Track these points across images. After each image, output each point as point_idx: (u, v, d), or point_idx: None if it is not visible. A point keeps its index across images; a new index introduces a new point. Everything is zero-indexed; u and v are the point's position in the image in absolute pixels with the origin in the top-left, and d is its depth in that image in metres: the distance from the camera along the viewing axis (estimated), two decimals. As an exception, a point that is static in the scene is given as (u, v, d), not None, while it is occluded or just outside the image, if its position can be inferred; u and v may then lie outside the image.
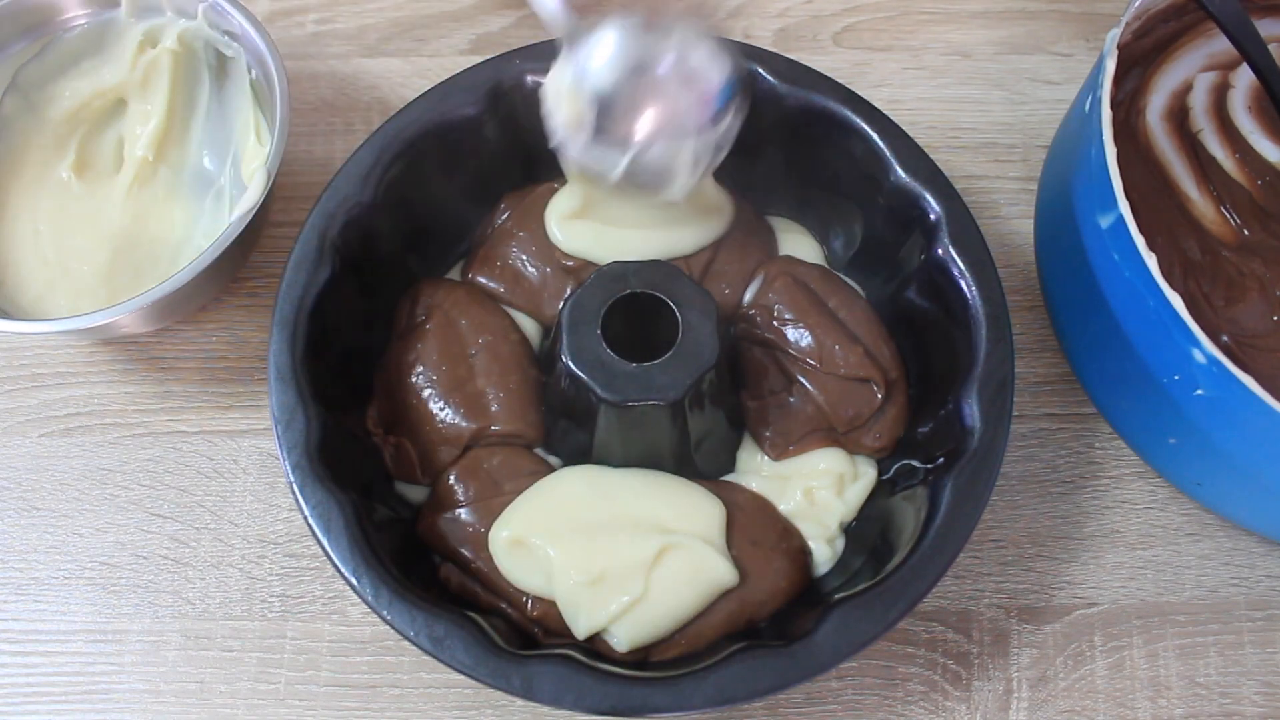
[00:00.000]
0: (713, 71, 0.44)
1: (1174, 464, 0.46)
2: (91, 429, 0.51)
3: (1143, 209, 0.45)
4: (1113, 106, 0.42)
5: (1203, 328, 0.38)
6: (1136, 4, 0.45)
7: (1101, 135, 0.41)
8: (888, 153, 0.47)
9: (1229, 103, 0.48)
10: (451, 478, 0.45)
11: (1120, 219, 0.40)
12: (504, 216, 0.50)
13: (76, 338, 0.52)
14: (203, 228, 0.53)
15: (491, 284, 0.49)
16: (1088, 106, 0.44)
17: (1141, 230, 0.40)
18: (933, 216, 0.46)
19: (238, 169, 0.52)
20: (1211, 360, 0.38)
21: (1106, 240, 0.42)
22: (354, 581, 0.40)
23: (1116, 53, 0.43)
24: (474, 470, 0.46)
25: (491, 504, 0.45)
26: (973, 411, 0.43)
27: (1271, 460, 0.40)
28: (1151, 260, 0.39)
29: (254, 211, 0.47)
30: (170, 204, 0.53)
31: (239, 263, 0.52)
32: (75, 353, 0.53)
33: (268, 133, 0.52)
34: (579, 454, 0.46)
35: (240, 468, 0.51)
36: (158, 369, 0.52)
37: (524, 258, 0.49)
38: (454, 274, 0.52)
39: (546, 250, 0.49)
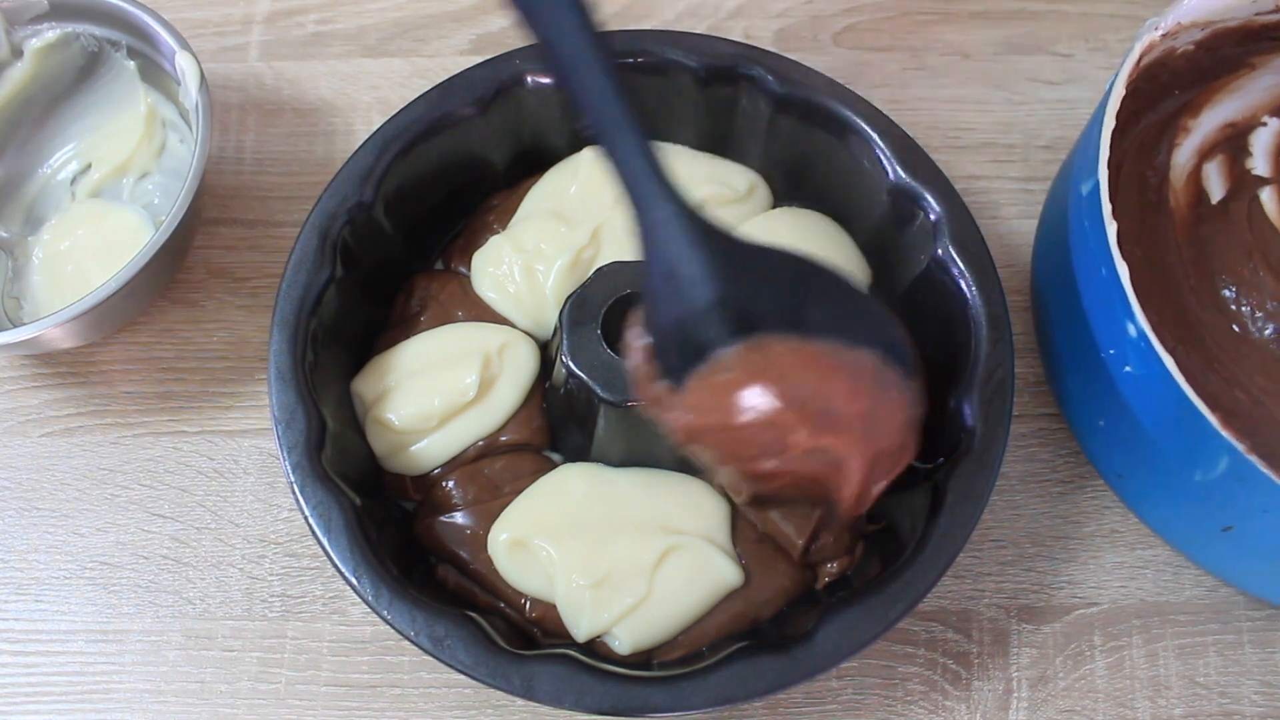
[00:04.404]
0: None
1: (1102, 450, 0.46)
2: (92, 429, 0.51)
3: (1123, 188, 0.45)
4: (1163, 117, 0.42)
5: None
6: (1191, 1, 0.45)
7: (1106, 108, 0.42)
8: (888, 153, 0.47)
9: None
10: (450, 482, 0.45)
11: (1096, 185, 0.41)
12: (490, 214, 0.50)
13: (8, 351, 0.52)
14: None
15: (466, 271, 0.49)
16: (1109, 86, 0.44)
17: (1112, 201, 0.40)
18: (933, 216, 0.46)
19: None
20: (1140, 334, 0.39)
21: (1083, 207, 0.42)
22: (354, 581, 0.40)
23: (1154, 39, 0.43)
24: (473, 474, 0.46)
25: (491, 506, 0.45)
26: (972, 411, 0.43)
27: (1181, 449, 0.40)
28: (1112, 228, 0.40)
29: (178, 221, 0.47)
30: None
31: (172, 269, 0.52)
32: (76, 353, 0.53)
33: (167, 121, 0.53)
34: (578, 453, 0.46)
35: (240, 468, 0.51)
36: (158, 369, 0.52)
37: None
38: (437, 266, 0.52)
39: None
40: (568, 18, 0.35)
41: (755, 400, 0.35)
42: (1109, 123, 0.42)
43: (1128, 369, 0.41)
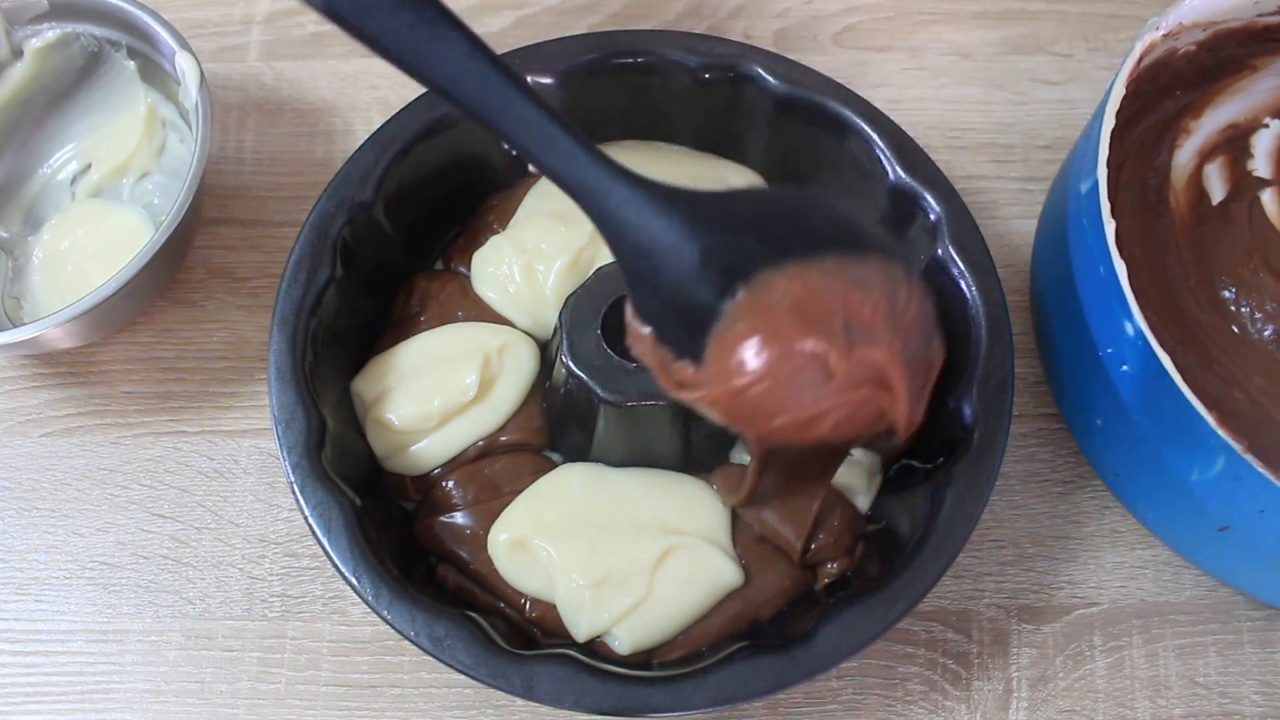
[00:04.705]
0: None
1: (1100, 449, 0.46)
2: (92, 429, 0.51)
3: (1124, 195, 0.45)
4: (1164, 118, 0.42)
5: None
6: (1192, 2, 0.45)
7: (1106, 108, 0.42)
8: (888, 153, 0.47)
9: None
10: (450, 482, 0.45)
11: (1095, 184, 0.41)
12: (490, 214, 0.50)
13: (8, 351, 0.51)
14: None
15: (466, 271, 0.49)
16: (1109, 85, 0.44)
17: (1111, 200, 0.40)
18: (933, 216, 0.46)
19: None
20: (1138, 333, 0.39)
21: (1082, 205, 0.42)
22: (354, 581, 0.40)
23: (1155, 39, 0.43)
24: (474, 474, 0.45)
25: (491, 506, 0.45)
26: (972, 411, 0.43)
27: (1177, 448, 0.40)
28: (1110, 227, 0.40)
29: (178, 221, 0.47)
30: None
31: (172, 269, 0.52)
32: (76, 353, 0.53)
33: (167, 121, 0.53)
34: (578, 453, 0.46)
35: (240, 468, 0.51)
36: (158, 369, 0.52)
37: None
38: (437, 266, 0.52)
39: None
40: (454, 50, 0.34)
41: (779, 340, 0.33)
42: (1108, 122, 0.42)
43: (1125, 368, 0.41)
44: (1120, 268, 0.39)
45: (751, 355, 0.33)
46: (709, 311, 0.34)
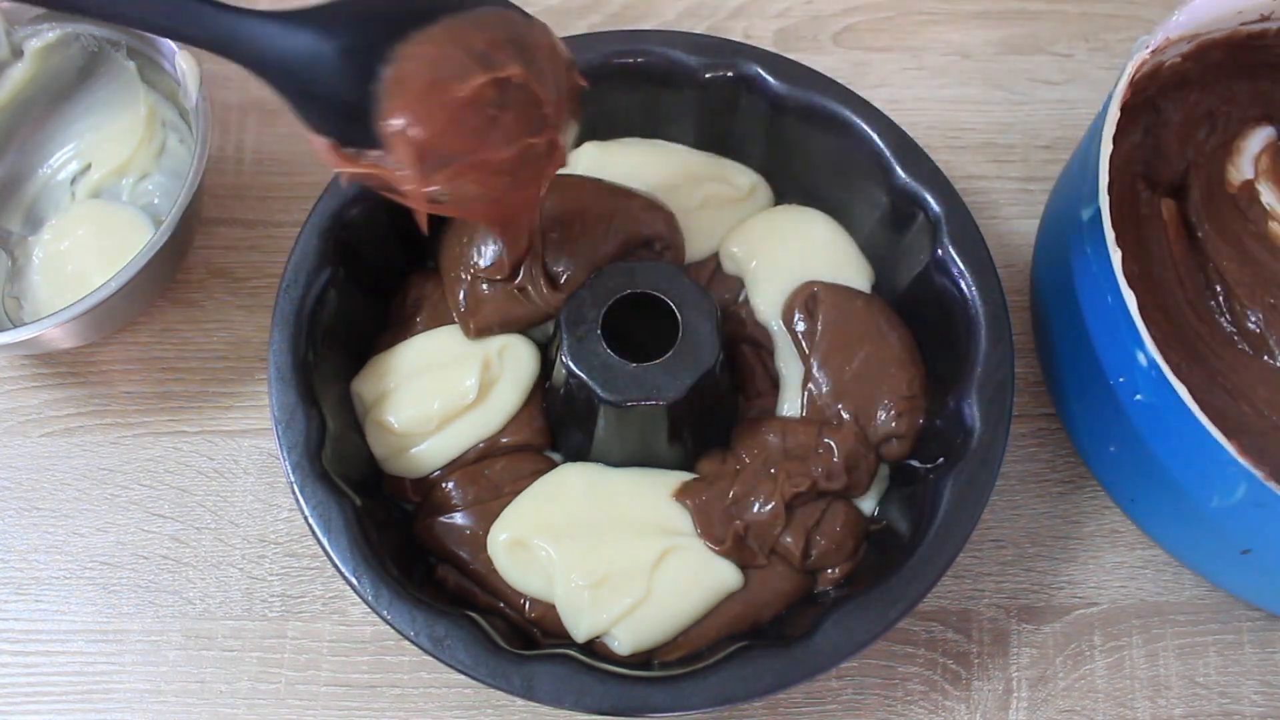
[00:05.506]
0: None
1: (1113, 474, 0.46)
2: (92, 429, 0.51)
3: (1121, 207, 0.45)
4: (1154, 129, 0.43)
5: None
6: (1181, 16, 0.44)
7: (1102, 132, 0.42)
8: (888, 153, 0.47)
9: None
10: (450, 483, 0.45)
11: (1098, 211, 0.40)
12: None
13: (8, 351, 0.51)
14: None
15: None
16: (1104, 108, 0.44)
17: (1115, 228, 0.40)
18: (933, 216, 0.46)
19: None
20: (1151, 363, 0.38)
21: (1084, 232, 0.42)
22: (354, 581, 0.40)
23: (1145, 56, 0.43)
24: (474, 475, 0.45)
25: (490, 506, 0.45)
26: (973, 411, 0.43)
27: (1196, 476, 0.40)
28: (1116, 255, 0.39)
29: (178, 221, 0.47)
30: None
31: (172, 269, 0.52)
32: (76, 353, 0.53)
33: (167, 122, 0.53)
34: (578, 453, 0.46)
35: (240, 468, 0.51)
36: (158, 369, 0.52)
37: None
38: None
39: None
40: None
41: (433, 96, 0.36)
42: (1106, 148, 0.41)
43: (1138, 397, 0.40)
44: (1130, 299, 0.39)
45: (415, 118, 0.36)
46: (366, 100, 0.36)
